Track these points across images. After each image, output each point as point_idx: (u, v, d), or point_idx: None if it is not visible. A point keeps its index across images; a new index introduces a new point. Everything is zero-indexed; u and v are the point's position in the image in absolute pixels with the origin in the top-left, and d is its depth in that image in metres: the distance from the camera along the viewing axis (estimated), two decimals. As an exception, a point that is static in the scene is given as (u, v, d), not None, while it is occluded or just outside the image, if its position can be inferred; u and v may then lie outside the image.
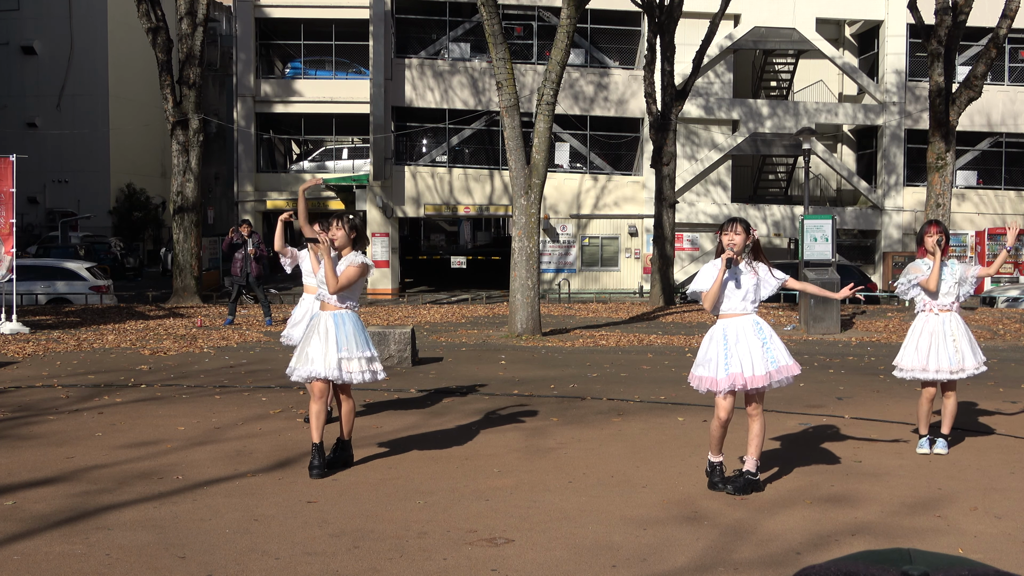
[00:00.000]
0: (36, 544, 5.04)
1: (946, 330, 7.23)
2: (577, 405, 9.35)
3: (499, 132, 31.64)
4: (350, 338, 6.55)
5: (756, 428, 6.19)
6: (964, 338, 7.25)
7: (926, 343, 7.25)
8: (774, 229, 34.10)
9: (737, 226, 6.18)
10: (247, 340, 15.16)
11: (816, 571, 1.06)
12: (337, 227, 6.70)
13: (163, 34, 24.24)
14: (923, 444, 7.33)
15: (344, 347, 6.52)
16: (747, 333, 6.09)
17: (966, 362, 7.19)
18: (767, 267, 6.29)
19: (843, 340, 15.93)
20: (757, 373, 6.02)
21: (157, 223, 46.35)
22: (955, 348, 7.18)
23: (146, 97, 45.00)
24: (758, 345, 6.06)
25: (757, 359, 6.04)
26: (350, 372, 6.54)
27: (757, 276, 6.22)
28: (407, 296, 31.24)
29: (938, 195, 22.64)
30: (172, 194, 25.06)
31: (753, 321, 6.16)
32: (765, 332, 6.14)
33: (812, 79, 35.96)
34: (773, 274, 6.28)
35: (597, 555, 4.92)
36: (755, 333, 6.09)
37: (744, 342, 6.07)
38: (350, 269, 6.58)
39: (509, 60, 16.08)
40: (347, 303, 6.66)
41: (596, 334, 16.68)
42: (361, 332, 6.66)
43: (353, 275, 6.56)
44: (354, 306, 6.73)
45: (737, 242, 6.13)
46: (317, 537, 5.19)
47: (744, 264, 6.21)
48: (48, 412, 8.86)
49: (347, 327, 6.58)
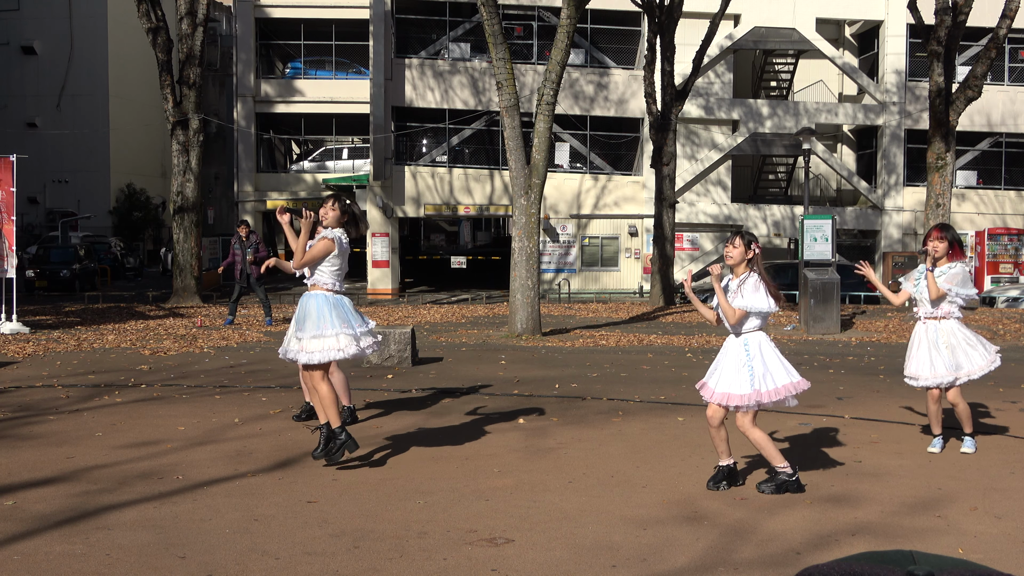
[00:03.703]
0: (36, 544, 5.04)
1: (932, 338, 7.27)
2: (577, 405, 9.35)
3: (499, 132, 31.64)
4: (305, 320, 6.55)
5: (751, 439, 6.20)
6: (959, 345, 7.22)
7: (925, 352, 7.29)
8: (774, 229, 34.09)
9: (736, 239, 6.19)
10: (247, 340, 15.15)
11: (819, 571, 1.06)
12: (332, 207, 6.72)
13: (163, 34, 24.25)
14: (935, 444, 7.33)
15: (300, 329, 6.56)
16: (734, 352, 6.14)
17: (960, 368, 7.17)
18: (752, 288, 6.09)
19: (843, 340, 15.93)
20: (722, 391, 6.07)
21: (157, 223, 46.35)
22: (949, 354, 7.18)
23: (146, 97, 45.00)
24: (741, 366, 6.06)
25: (735, 379, 6.06)
26: (303, 351, 6.52)
27: (739, 296, 6.10)
28: (407, 296, 31.24)
29: (938, 195, 22.64)
30: (172, 194, 25.06)
31: (742, 343, 6.10)
32: (752, 352, 6.06)
33: (812, 79, 35.96)
34: (742, 294, 6.09)
35: (597, 555, 4.92)
36: (743, 353, 6.09)
37: (727, 361, 6.14)
38: (316, 244, 6.57)
39: (509, 60, 16.08)
40: (316, 282, 6.62)
41: (596, 334, 16.68)
42: (320, 313, 6.53)
43: (317, 251, 6.53)
44: (328, 285, 6.62)
45: (733, 256, 6.14)
46: (317, 537, 5.19)
47: (735, 282, 6.19)
48: (48, 412, 8.86)
49: (308, 308, 6.58)
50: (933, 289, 7.13)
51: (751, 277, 6.12)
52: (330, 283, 6.64)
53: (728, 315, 6.09)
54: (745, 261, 6.17)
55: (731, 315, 6.07)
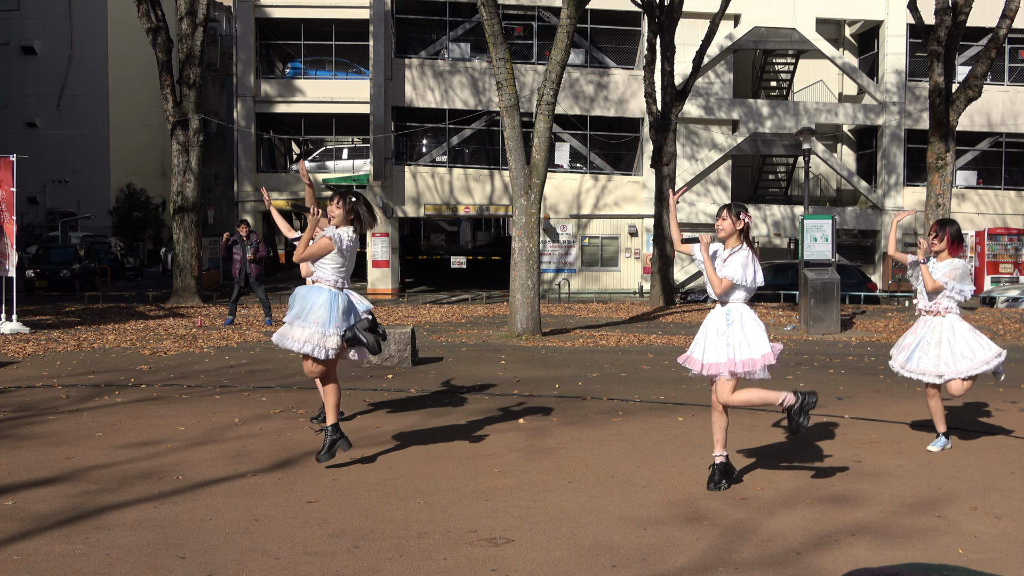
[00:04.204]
0: (36, 544, 5.04)
1: (922, 333, 7.29)
2: (577, 405, 9.35)
3: (499, 132, 31.65)
4: (295, 305, 6.62)
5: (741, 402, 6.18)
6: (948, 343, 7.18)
7: (911, 342, 7.30)
8: (774, 229, 34.10)
9: (723, 211, 6.23)
10: (247, 340, 15.16)
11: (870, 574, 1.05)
12: (337, 205, 6.78)
13: (163, 34, 24.26)
14: (938, 443, 7.33)
15: (289, 316, 6.62)
16: (715, 321, 6.16)
17: (945, 367, 7.13)
18: (741, 261, 6.10)
19: (843, 340, 15.93)
20: (709, 360, 6.09)
21: (157, 223, 46.35)
22: (936, 352, 7.18)
23: (146, 97, 45.00)
24: (718, 333, 6.10)
25: (712, 346, 6.10)
26: (293, 339, 6.55)
27: (726, 267, 6.13)
28: (407, 296, 31.25)
29: (938, 195, 22.64)
30: (172, 194, 25.07)
31: (724, 312, 6.15)
32: (732, 319, 6.09)
33: (812, 79, 35.97)
34: (729, 264, 6.11)
35: (597, 555, 4.92)
36: (724, 322, 6.12)
37: (709, 329, 6.17)
38: (317, 241, 6.69)
39: (509, 60, 16.08)
40: (319, 278, 6.70)
41: (596, 334, 16.68)
42: (315, 306, 6.58)
43: (316, 248, 6.64)
44: (330, 281, 6.68)
45: (724, 228, 6.20)
46: (317, 537, 5.19)
47: (726, 251, 6.21)
48: (48, 412, 8.86)
49: (302, 295, 6.65)
50: (928, 281, 7.18)
51: (742, 250, 6.16)
52: (332, 279, 6.70)
53: (714, 284, 6.14)
54: (736, 232, 6.20)
55: (716, 284, 6.13)
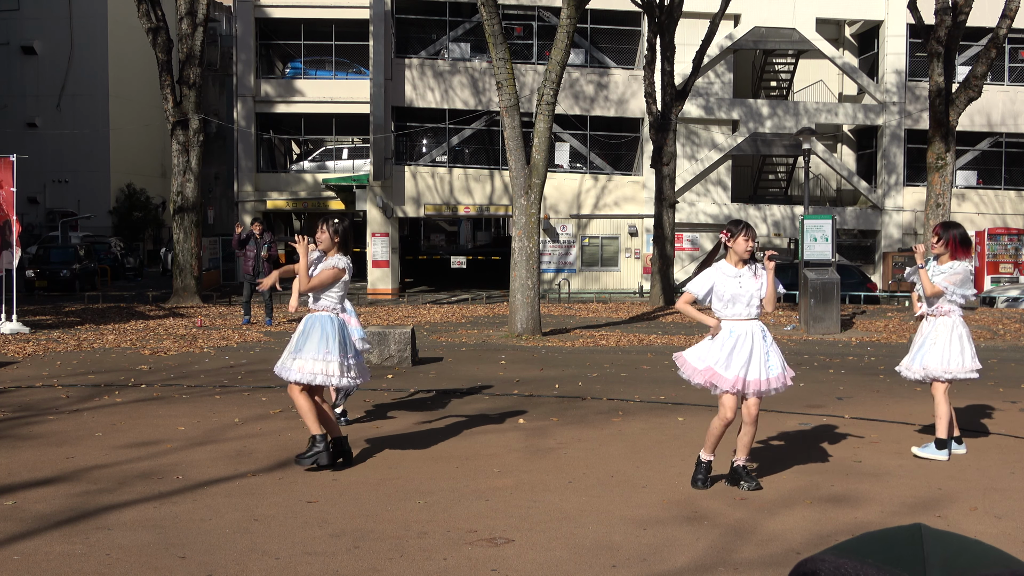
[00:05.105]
0: (36, 544, 5.04)
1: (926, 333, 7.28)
2: (577, 405, 9.35)
3: (499, 132, 31.63)
4: (307, 341, 6.62)
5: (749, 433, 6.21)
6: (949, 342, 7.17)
7: (917, 345, 7.31)
8: (774, 229, 34.09)
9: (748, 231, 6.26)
10: (247, 340, 15.16)
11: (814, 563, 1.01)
12: (321, 230, 6.85)
13: (163, 34, 24.25)
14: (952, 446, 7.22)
15: (297, 350, 6.62)
16: (753, 338, 6.13)
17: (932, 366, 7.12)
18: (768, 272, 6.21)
19: (843, 340, 15.93)
20: (754, 378, 6.05)
21: (157, 223, 46.32)
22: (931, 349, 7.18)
23: (146, 97, 44.98)
24: (761, 352, 6.09)
25: (756, 365, 6.08)
26: (301, 371, 6.57)
27: (759, 281, 6.20)
28: (407, 296, 31.24)
29: (938, 195, 22.64)
30: (172, 194, 25.07)
31: (760, 327, 6.20)
32: (769, 339, 6.21)
33: (812, 79, 35.95)
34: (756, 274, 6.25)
35: (597, 555, 4.91)
36: (761, 339, 6.14)
37: (746, 347, 6.10)
38: (324, 271, 6.74)
39: (509, 60, 16.08)
40: (323, 306, 6.76)
41: (596, 334, 16.68)
42: (324, 336, 6.63)
43: (326, 277, 6.71)
44: (333, 308, 6.78)
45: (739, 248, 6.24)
46: (317, 537, 5.18)
47: (747, 269, 6.21)
48: (48, 412, 8.86)
49: (308, 329, 6.67)
50: (927, 286, 7.10)
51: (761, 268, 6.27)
52: (333, 306, 6.80)
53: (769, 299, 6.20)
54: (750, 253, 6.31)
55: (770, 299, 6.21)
